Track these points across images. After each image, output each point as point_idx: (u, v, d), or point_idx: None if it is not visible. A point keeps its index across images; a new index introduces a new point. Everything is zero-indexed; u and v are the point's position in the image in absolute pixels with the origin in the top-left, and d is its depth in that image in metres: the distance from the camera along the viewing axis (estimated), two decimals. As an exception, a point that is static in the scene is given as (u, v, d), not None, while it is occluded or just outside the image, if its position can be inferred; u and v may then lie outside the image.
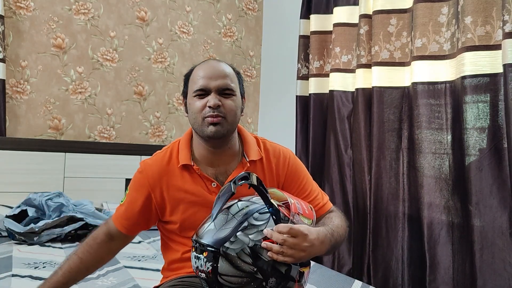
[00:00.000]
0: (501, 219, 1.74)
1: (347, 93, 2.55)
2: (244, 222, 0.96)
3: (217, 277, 0.92)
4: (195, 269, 0.98)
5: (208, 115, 1.14)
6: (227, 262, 0.92)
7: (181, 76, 3.28)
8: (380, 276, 2.20)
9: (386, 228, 2.21)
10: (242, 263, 0.92)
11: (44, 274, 1.69)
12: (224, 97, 1.16)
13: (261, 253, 0.93)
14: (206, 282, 0.95)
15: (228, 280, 0.91)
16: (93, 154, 2.85)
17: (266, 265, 0.93)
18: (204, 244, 0.95)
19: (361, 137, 2.36)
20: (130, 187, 1.26)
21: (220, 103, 1.14)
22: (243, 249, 0.93)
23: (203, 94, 1.16)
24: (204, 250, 0.94)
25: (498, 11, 1.78)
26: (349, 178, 2.50)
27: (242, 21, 3.58)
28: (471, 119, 1.84)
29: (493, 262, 1.74)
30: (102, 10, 3.02)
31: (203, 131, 1.16)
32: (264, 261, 0.93)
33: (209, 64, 1.20)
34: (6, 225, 2.18)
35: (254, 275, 0.92)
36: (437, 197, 2.00)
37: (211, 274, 0.92)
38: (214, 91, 1.15)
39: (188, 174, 1.20)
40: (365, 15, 2.36)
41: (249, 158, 1.22)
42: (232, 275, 0.91)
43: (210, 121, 1.13)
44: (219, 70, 1.18)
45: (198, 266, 0.95)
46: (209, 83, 1.16)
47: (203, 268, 0.94)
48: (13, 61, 2.76)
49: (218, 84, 1.16)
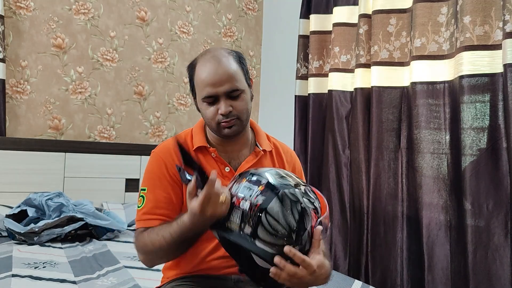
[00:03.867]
0: (497, 219, 1.74)
1: (346, 93, 2.55)
2: (301, 186, 0.98)
3: (260, 213, 0.91)
4: (236, 197, 0.96)
5: (222, 121, 1.14)
6: (280, 205, 0.92)
7: (181, 76, 3.29)
8: (379, 276, 2.21)
9: (384, 228, 2.22)
10: (290, 214, 0.92)
11: (44, 274, 1.69)
12: (234, 99, 1.14)
13: (306, 220, 0.94)
14: (242, 213, 0.93)
15: (270, 222, 0.91)
16: (93, 154, 2.85)
17: (303, 232, 0.94)
18: (267, 180, 0.96)
19: (359, 137, 2.36)
20: (148, 178, 1.20)
21: (231, 108, 1.13)
22: (297, 204, 0.94)
23: (212, 101, 1.14)
24: (262, 184, 0.95)
25: (497, 11, 1.78)
26: (346, 178, 2.51)
27: (242, 21, 3.58)
28: (469, 119, 1.85)
29: (488, 262, 1.75)
30: (102, 10, 3.02)
31: (219, 132, 1.17)
32: (304, 228, 0.94)
33: (210, 66, 1.13)
34: (6, 225, 2.18)
35: (291, 233, 0.92)
36: (435, 197, 2.01)
37: (255, 208, 0.92)
38: (222, 96, 1.13)
39: (203, 157, 1.21)
40: (365, 14, 2.37)
41: (262, 147, 1.25)
42: (276, 219, 0.91)
43: (225, 126, 1.14)
44: (223, 72, 1.12)
45: (245, 196, 0.94)
46: (217, 90, 1.12)
47: (252, 199, 0.93)
48: (13, 61, 2.77)
49: (225, 89, 1.12)
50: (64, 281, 1.63)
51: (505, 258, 1.71)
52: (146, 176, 1.21)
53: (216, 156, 1.21)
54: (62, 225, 2.24)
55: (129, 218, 2.60)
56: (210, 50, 1.19)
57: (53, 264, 1.84)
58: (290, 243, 0.92)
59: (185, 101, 3.32)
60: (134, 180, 2.96)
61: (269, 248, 0.91)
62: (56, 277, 1.67)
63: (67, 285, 1.60)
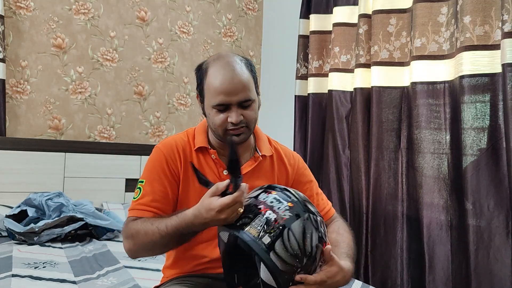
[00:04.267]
0: (498, 219, 1.74)
1: (345, 93, 2.55)
2: (319, 217, 1.01)
3: (284, 228, 0.92)
4: (264, 205, 0.97)
5: (230, 128, 1.13)
6: (301, 227, 0.94)
7: (181, 76, 3.29)
8: (379, 276, 2.20)
9: (385, 228, 2.22)
10: (310, 239, 0.94)
11: (44, 274, 1.69)
12: (244, 108, 1.14)
13: (319, 249, 0.96)
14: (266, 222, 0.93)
15: (290, 239, 0.92)
16: (93, 154, 2.85)
17: (313, 260, 0.95)
18: (298, 199, 0.98)
19: (359, 136, 2.36)
20: (148, 170, 1.20)
21: (242, 117, 1.12)
22: (317, 232, 0.96)
23: (223, 109, 1.12)
24: (291, 201, 0.97)
25: (497, 11, 1.78)
26: (346, 178, 2.51)
27: (242, 21, 3.58)
28: (469, 119, 1.85)
29: (489, 262, 1.75)
30: (102, 10, 3.02)
31: (225, 139, 1.16)
32: (315, 257, 0.96)
33: (226, 74, 1.11)
34: (6, 225, 2.18)
35: (304, 257, 0.93)
36: (435, 197, 2.00)
37: (281, 222, 0.93)
38: (234, 105, 1.12)
39: (203, 157, 1.21)
40: (365, 14, 2.37)
41: (261, 152, 1.25)
42: (297, 238, 0.93)
43: (234, 133, 1.14)
44: (238, 81, 1.11)
45: (273, 206, 0.95)
46: (230, 99, 1.11)
47: (279, 212, 0.94)
48: (13, 61, 2.76)
49: (239, 98, 1.11)
50: (64, 281, 1.63)
51: (507, 258, 1.71)
52: (146, 169, 1.21)
53: (215, 158, 1.21)
54: (62, 225, 2.24)
55: (129, 218, 2.59)
56: (223, 56, 1.16)
57: (53, 264, 1.83)
58: (299, 266, 0.93)
59: (185, 101, 3.32)
60: (134, 180, 2.95)
61: (280, 264, 0.91)
62: (56, 277, 1.67)
63: (67, 285, 1.60)
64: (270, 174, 1.26)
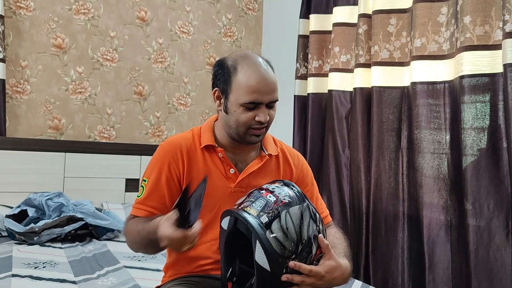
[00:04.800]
0: (497, 219, 1.74)
1: (345, 93, 2.55)
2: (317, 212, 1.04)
3: (282, 209, 0.95)
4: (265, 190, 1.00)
5: (255, 127, 1.14)
6: (299, 212, 0.97)
7: (181, 76, 3.29)
8: (380, 276, 2.20)
9: (385, 228, 2.22)
10: (306, 227, 0.97)
11: (44, 274, 1.69)
12: (270, 109, 1.17)
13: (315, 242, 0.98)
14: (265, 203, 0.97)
15: (287, 221, 0.95)
16: (93, 154, 2.85)
17: (308, 250, 0.97)
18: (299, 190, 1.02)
19: (359, 136, 2.36)
20: (150, 169, 1.20)
21: (268, 117, 1.15)
22: (314, 223, 0.99)
23: (253, 107, 1.13)
24: (293, 190, 1.01)
25: (497, 11, 1.78)
26: (346, 178, 2.51)
27: (242, 21, 3.58)
28: (469, 119, 1.85)
29: (489, 262, 1.75)
30: (102, 10, 3.02)
31: (244, 138, 1.17)
32: (310, 248, 0.97)
33: (261, 74, 1.13)
34: (6, 225, 2.18)
35: (299, 243, 0.95)
36: (436, 197, 2.01)
37: (280, 204, 0.96)
38: (264, 104, 1.14)
39: (209, 156, 1.21)
40: (365, 14, 2.37)
41: (267, 151, 1.26)
42: (293, 221, 0.95)
43: (256, 133, 1.15)
44: (272, 82, 1.15)
45: (275, 191, 0.99)
46: (263, 98, 1.13)
47: (279, 196, 0.98)
48: (13, 61, 2.76)
49: (271, 98, 1.15)
50: (64, 281, 1.63)
51: (507, 258, 1.71)
52: (148, 168, 1.21)
53: (223, 156, 1.21)
54: (62, 225, 2.24)
55: (129, 218, 2.60)
56: (251, 55, 1.17)
57: (53, 264, 1.83)
58: (294, 252, 0.94)
59: (185, 101, 3.32)
60: (134, 180, 2.95)
61: (275, 245, 0.92)
62: (56, 277, 1.66)
63: (67, 285, 1.60)
64: (275, 173, 1.27)
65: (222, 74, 1.17)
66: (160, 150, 1.22)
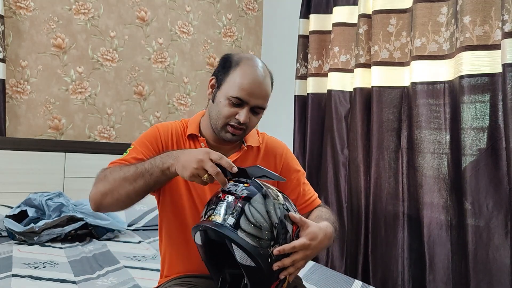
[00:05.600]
0: (496, 219, 1.74)
1: (345, 93, 2.55)
2: (283, 195, 1.04)
3: (244, 204, 0.95)
4: (222, 192, 0.99)
5: (232, 124, 1.16)
6: (262, 200, 0.96)
7: (181, 76, 3.29)
8: (380, 277, 2.20)
9: (385, 228, 2.22)
10: (273, 210, 0.96)
11: (44, 274, 1.69)
12: (253, 114, 1.18)
13: (287, 221, 0.98)
14: (226, 205, 0.96)
15: (253, 213, 0.94)
16: (93, 154, 2.84)
17: (285, 232, 0.96)
18: (254, 180, 1.01)
19: (358, 136, 2.36)
20: (140, 139, 1.23)
21: (248, 120, 1.16)
22: (279, 205, 0.98)
23: (237, 104, 1.15)
24: (247, 182, 1.00)
25: (497, 11, 1.78)
26: (344, 178, 2.51)
27: (242, 21, 3.58)
28: (468, 119, 1.85)
29: (488, 262, 1.75)
30: (102, 10, 3.03)
31: (220, 133, 1.19)
32: (285, 230, 0.97)
33: (257, 77, 1.15)
34: (6, 225, 2.18)
35: (273, 228, 0.95)
36: (436, 197, 2.01)
37: (240, 200, 0.95)
38: (249, 106, 1.15)
39: (193, 145, 1.24)
40: (364, 14, 2.37)
41: (246, 143, 1.27)
42: (259, 211, 0.94)
43: (231, 131, 1.17)
44: (264, 89, 1.17)
45: (231, 190, 0.98)
46: (249, 99, 1.14)
47: (236, 193, 0.97)
48: (13, 61, 2.77)
49: (257, 103, 1.16)
50: (64, 281, 1.63)
51: (505, 258, 1.71)
52: (138, 139, 1.24)
53: (205, 146, 1.24)
54: (62, 225, 2.24)
55: (129, 218, 2.60)
56: (256, 60, 1.20)
57: (53, 264, 1.84)
58: (271, 239, 0.94)
59: (185, 101, 3.32)
60: (134, 180, 2.95)
61: (250, 240, 0.92)
62: (56, 277, 1.67)
63: (67, 285, 1.60)
64: (252, 163, 1.27)
65: (224, 65, 1.20)
66: (153, 129, 1.26)
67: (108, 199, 1.08)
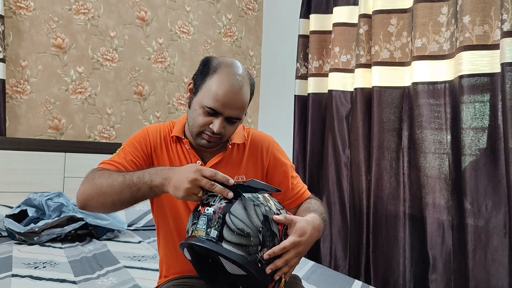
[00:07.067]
0: (496, 219, 1.74)
1: (345, 93, 2.55)
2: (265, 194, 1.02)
3: (224, 215, 0.92)
4: (200, 206, 0.98)
5: (206, 133, 1.15)
6: (241, 207, 0.94)
7: (181, 76, 3.29)
8: (381, 277, 2.20)
9: (386, 227, 2.22)
10: (254, 215, 0.94)
11: (44, 274, 1.69)
12: (229, 123, 1.15)
13: (272, 223, 0.96)
14: (206, 219, 0.94)
15: (234, 222, 0.92)
16: (93, 154, 2.84)
17: (271, 234, 0.94)
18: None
19: (359, 136, 2.36)
20: (129, 140, 1.25)
21: (223, 130, 1.14)
22: (260, 207, 0.96)
23: (211, 113, 1.13)
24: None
25: (496, 10, 1.78)
26: (346, 178, 2.51)
27: (242, 21, 3.58)
28: (468, 118, 1.85)
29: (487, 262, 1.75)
30: (102, 10, 3.02)
31: (196, 139, 1.19)
32: (271, 231, 0.95)
33: (233, 87, 1.11)
34: (6, 225, 2.18)
35: (257, 233, 0.93)
36: (437, 197, 2.01)
37: (219, 211, 0.93)
38: (223, 117, 1.13)
39: (179, 146, 1.25)
40: (365, 14, 2.37)
41: (231, 141, 1.26)
42: (241, 219, 0.92)
43: (207, 138, 1.16)
44: (239, 101, 1.12)
45: (210, 202, 0.96)
46: (224, 110, 1.11)
47: (215, 204, 0.95)
48: (13, 61, 2.76)
49: (231, 114, 1.13)
50: (64, 281, 1.63)
51: (504, 258, 1.71)
52: (128, 140, 1.26)
53: (189, 148, 1.23)
54: (62, 225, 2.24)
55: (129, 218, 2.60)
56: (235, 66, 1.15)
57: (53, 264, 1.83)
58: (257, 243, 0.92)
59: (185, 101, 3.31)
60: (134, 180, 2.95)
61: (236, 250, 0.90)
62: (56, 277, 1.67)
63: (67, 285, 1.60)
64: (238, 161, 1.26)
65: (202, 70, 1.18)
66: (143, 131, 1.27)
67: (93, 202, 1.09)
